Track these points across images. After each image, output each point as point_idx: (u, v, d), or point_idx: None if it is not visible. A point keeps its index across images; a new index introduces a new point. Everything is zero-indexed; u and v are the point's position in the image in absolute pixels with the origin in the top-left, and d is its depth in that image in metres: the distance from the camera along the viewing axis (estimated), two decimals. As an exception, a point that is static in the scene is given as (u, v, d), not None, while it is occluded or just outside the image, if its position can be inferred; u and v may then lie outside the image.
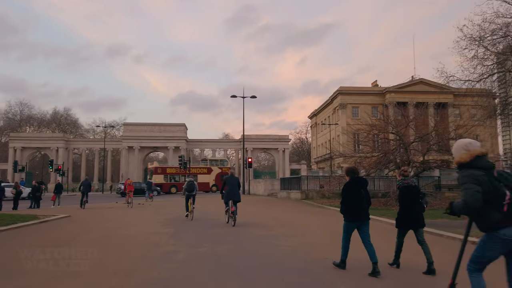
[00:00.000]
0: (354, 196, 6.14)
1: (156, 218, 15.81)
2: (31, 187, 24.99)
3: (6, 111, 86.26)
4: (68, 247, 8.57)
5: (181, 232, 11.24)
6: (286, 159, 69.14)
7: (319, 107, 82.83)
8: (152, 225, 13.13)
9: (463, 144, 3.81)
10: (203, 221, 14.74)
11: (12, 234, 11.19)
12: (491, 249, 3.46)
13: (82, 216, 16.84)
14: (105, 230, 11.71)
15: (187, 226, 12.71)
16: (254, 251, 8.08)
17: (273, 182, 33.80)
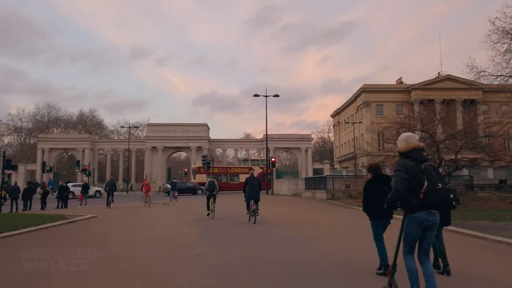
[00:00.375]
0: (376, 194, 5.94)
1: (182, 218, 15.66)
2: (58, 187, 25.39)
3: (35, 113, 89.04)
4: (97, 248, 8.43)
5: (210, 233, 11.00)
6: (308, 159, 68.38)
7: (342, 105, 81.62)
8: (179, 226, 12.96)
9: (405, 136, 4.62)
10: (227, 220, 14.56)
11: (42, 234, 11.20)
12: (412, 229, 4.28)
13: (109, 217, 16.88)
14: (133, 231, 11.59)
15: (214, 227, 12.48)
16: (287, 254, 7.71)
17: (297, 182, 33.29)
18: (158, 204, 25.94)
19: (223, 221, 14.46)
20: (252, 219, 13.12)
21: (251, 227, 12.18)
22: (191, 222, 14.28)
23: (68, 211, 20.65)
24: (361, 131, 67.04)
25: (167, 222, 14.51)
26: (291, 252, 7.88)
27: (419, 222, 4.22)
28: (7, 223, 12.81)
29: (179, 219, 15.39)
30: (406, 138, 4.58)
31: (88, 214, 17.36)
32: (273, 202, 26.27)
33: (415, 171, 4.22)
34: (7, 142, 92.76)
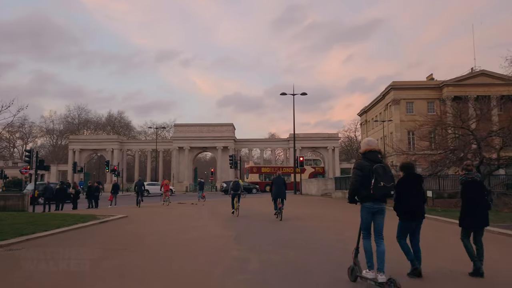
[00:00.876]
0: (408, 194, 5.81)
1: (213, 219, 15.31)
2: (87, 187, 25.62)
3: (66, 115, 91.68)
4: (131, 251, 8.11)
5: (244, 234, 10.54)
6: (336, 158, 67.13)
7: (370, 103, 79.74)
8: (211, 227, 12.59)
9: (367, 140, 5.76)
10: (258, 219, 14.07)
11: (74, 235, 11.04)
12: (364, 215, 5.35)
13: (139, 217, 16.73)
14: (166, 233, 11.26)
15: (247, 227, 12.04)
16: (332, 260, 7.13)
17: (326, 182, 32.45)
18: (187, 204, 25.79)
19: (254, 219, 14.04)
20: (279, 216, 14.05)
21: (285, 228, 11.68)
22: (223, 222, 13.89)
23: (99, 211, 20.70)
24: (390, 129, 65.13)
25: (198, 222, 14.17)
26: (337, 258, 7.29)
27: (368, 209, 5.35)
28: (40, 223, 12.78)
29: (210, 220, 15.03)
30: (368, 142, 5.76)
31: (118, 214, 17.27)
32: (302, 202, 25.63)
33: (367, 170, 5.26)
34: (40, 143, 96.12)
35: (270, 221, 13.86)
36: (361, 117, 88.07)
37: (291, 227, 12.25)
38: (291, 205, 22.01)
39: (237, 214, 15.82)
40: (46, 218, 14.87)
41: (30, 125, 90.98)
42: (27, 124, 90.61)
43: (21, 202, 20.88)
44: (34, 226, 11.86)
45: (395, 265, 6.14)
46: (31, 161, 21.95)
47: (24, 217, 14.88)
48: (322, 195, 31.58)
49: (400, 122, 64.42)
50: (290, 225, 12.62)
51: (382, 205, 5.35)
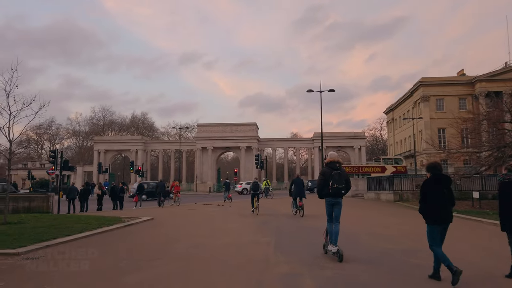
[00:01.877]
0: (434, 196, 5.59)
1: (243, 221, 14.29)
2: (111, 188, 25.12)
3: (91, 117, 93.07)
4: (159, 261, 7.14)
5: (282, 241, 9.44)
6: (362, 158, 65.11)
7: (397, 101, 77.22)
8: (243, 230, 11.55)
9: (329, 154, 7.95)
10: (287, 220, 12.89)
11: (98, 240, 10.21)
12: (327, 206, 7.58)
13: (165, 219, 15.87)
14: (195, 238, 10.28)
15: (280, 231, 10.89)
16: (398, 280, 5.92)
17: (357, 182, 30.94)
18: (213, 205, 24.91)
19: (283, 221, 12.91)
20: (300, 213, 15.58)
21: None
22: (254, 225, 12.84)
23: (123, 213, 20.09)
24: (420, 127, 62.64)
25: (228, 225, 13.17)
26: (403, 277, 6.08)
27: (328, 202, 7.45)
28: (64, 226, 12.05)
29: (240, 222, 14.00)
30: (330, 155, 7.75)
31: (144, 216, 16.49)
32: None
33: (328, 175, 7.25)
34: (66, 145, 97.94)
35: (300, 223, 12.71)
36: (387, 115, 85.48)
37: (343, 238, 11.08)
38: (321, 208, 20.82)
39: (257, 213, 17.00)
40: (70, 220, 14.19)
41: (57, 127, 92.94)
42: (54, 126, 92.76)
43: (45, 203, 20.43)
44: (57, 230, 11.12)
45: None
46: (55, 161, 21.53)
47: (47, 220, 14.26)
48: (352, 196, 30.10)
49: (430, 119, 61.90)
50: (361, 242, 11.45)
51: (338, 199, 7.45)
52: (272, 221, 14.36)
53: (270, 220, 14.58)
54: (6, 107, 12.94)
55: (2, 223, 12.48)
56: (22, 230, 11.03)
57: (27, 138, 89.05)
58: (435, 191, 5.60)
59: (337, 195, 7.30)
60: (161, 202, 24.21)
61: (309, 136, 69.44)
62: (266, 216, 16.21)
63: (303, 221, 13.60)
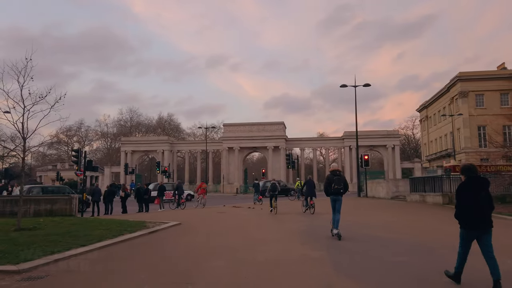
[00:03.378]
0: (470, 199, 5.19)
1: (282, 228, 12.52)
2: (136, 189, 23.94)
3: (119, 118, 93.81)
4: (193, 286, 5.48)
5: (338, 255, 7.59)
6: (396, 157, 62.02)
7: (431, 98, 73.47)
8: (285, 241, 9.78)
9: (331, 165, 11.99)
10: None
11: (118, 252, 8.72)
12: (331, 202, 10.01)
13: (194, 224, 14.31)
14: (232, 251, 8.56)
15: (334, 244, 9.03)
16: None
17: (397, 183, 28.54)
18: (243, 208, 23.30)
19: (324, 227, 11.08)
20: (312, 210, 17.33)
21: (377, 245, 8.60)
22: (296, 234, 11.05)
23: (149, 216, 18.78)
24: (457, 125, 58.97)
25: (266, 233, 11.43)
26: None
27: (332, 198, 10.03)
28: (81, 234, 10.67)
29: (279, 230, 12.24)
30: (332, 166, 10.91)
31: (171, 220, 15.03)
32: (374, 206, 22.18)
33: (331, 179, 9.91)
34: (95, 147, 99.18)
35: (350, 229, 10.82)
36: (421, 113, 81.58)
37: (388, 242, 9.16)
38: (360, 211, 18.79)
39: (276, 212, 18.10)
40: (90, 225, 12.86)
41: (86, 129, 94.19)
42: (84, 128, 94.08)
43: (68, 206, 19.33)
44: (72, 239, 9.72)
45: None
46: (78, 161, 20.48)
47: (65, 225, 12.97)
48: (392, 197, 27.79)
49: (469, 116, 58.15)
50: (385, 239, 9.53)
51: (338, 197, 10.04)
52: (315, 227, 12.54)
53: (312, 226, 12.77)
54: (20, 100, 11.76)
55: (15, 230, 11.25)
56: (34, 238, 9.70)
57: (58, 140, 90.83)
58: (470, 195, 5.26)
59: (337, 194, 10.02)
60: (178, 204, 23.67)
61: (341, 135, 66.84)
62: (304, 222, 14.42)
63: (355, 230, 11.68)
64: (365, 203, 25.12)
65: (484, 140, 59.11)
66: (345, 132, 65.69)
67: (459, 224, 5.44)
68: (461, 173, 5.59)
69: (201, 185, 26.62)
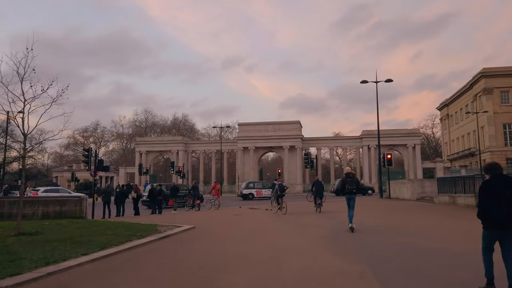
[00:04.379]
0: (494, 198, 4.95)
1: (306, 234, 11.25)
2: (149, 190, 22.97)
3: (134, 119, 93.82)
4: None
5: (383, 273, 6.29)
6: (417, 157, 59.81)
7: (452, 95, 71.03)
8: (314, 250, 8.51)
9: (346, 168, 12.97)
10: (376, 240, 9.70)
11: (122, 263, 7.61)
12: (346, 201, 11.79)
13: (209, 229, 13.17)
14: (253, 264, 7.34)
15: (373, 253, 7.74)
16: None
17: (423, 183, 26.85)
18: (260, 209, 22.11)
19: (359, 236, 9.77)
20: (319, 209, 18.82)
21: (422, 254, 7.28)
22: (322, 240, 9.78)
23: (162, 218, 17.80)
24: (481, 123, 56.53)
25: (289, 240, 10.18)
26: None
27: (346, 197, 11.66)
28: (84, 240, 9.64)
29: (303, 236, 10.97)
30: (346, 169, 12.33)
31: (184, 224, 13.95)
32: (401, 208, 20.69)
33: (346, 181, 11.56)
34: (111, 148, 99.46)
35: (392, 239, 9.48)
36: (441, 111, 79.12)
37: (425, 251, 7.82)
38: (388, 214, 17.34)
39: (285, 212, 18.56)
40: (97, 230, 11.85)
41: (102, 130, 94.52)
42: (100, 129, 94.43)
43: (78, 208, 18.46)
44: (73, 246, 8.68)
45: None
46: (89, 161, 19.59)
47: (70, 229, 12.00)
48: (417, 199, 26.15)
49: (494, 114, 55.67)
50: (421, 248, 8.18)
51: (352, 195, 11.67)
52: (341, 233, 11.25)
53: (337, 231, 11.47)
54: (21, 94, 10.81)
55: (14, 235, 10.29)
56: (31, 245, 8.70)
57: (74, 141, 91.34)
58: (494, 193, 5.02)
59: (351, 193, 11.56)
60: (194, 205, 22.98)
61: (359, 134, 64.97)
62: (327, 226, 13.13)
63: (392, 237, 10.35)
64: (390, 205, 23.61)
65: (510, 139, 56.63)
66: (363, 131, 63.85)
67: (482, 224, 5.17)
68: (485, 171, 5.36)
69: (214, 185, 25.63)
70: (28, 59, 10.75)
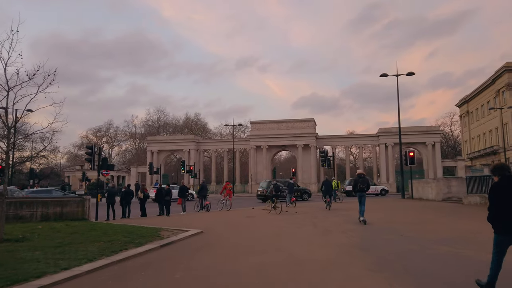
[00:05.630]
0: (505, 201, 4.69)
1: (330, 241, 9.73)
2: (157, 190, 21.68)
3: (146, 119, 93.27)
4: None
5: None
6: (437, 155, 57.39)
7: (473, 91, 68.37)
8: (346, 265, 6.97)
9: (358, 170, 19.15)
10: (408, 248, 8.11)
11: (110, 279, 6.21)
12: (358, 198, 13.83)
13: (218, 234, 11.74)
14: (274, 284, 5.87)
15: (411, 266, 6.18)
16: None
17: (449, 183, 24.94)
18: (274, 210, 20.61)
19: (390, 244, 8.22)
20: (329, 207, 20.07)
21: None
22: (351, 250, 8.25)
23: (169, 220, 16.53)
24: (505, 119, 53.87)
25: (310, 249, 8.67)
26: None
27: (358, 194, 13.76)
28: (73, 248, 8.27)
29: (326, 243, 9.45)
30: (357, 171, 15.21)
31: (192, 227, 12.57)
32: (429, 210, 18.94)
33: (358, 181, 13.86)
34: (124, 148, 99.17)
35: (428, 246, 7.90)
36: (460, 108, 76.35)
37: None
38: (416, 217, 15.63)
39: (279, 212, 18.80)
40: (91, 235, 10.52)
41: (115, 130, 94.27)
42: (112, 129, 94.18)
43: (80, 209, 17.26)
44: (58, 256, 7.33)
45: None
46: (92, 159, 18.40)
47: (63, 234, 10.68)
48: (443, 199, 24.30)
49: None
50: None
51: (363, 193, 13.60)
52: (372, 240, 9.69)
53: (367, 240, 9.92)
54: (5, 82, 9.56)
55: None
56: (9, 255, 7.39)
57: (88, 141, 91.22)
58: (505, 196, 4.67)
59: (362, 191, 13.75)
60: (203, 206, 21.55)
61: (376, 132, 62.87)
62: (352, 231, 11.59)
63: (429, 245, 8.74)
64: (415, 206, 21.85)
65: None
66: (380, 128, 61.74)
67: (493, 228, 4.92)
68: (492, 173, 5.07)
69: (226, 185, 24.16)
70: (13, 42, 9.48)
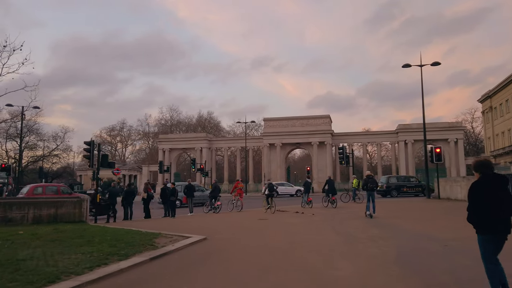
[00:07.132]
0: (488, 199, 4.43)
1: (361, 253, 7.95)
2: (161, 189, 20.13)
3: (159, 117, 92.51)
4: None
5: None
6: (460, 152, 54.71)
7: (496, 86, 65.18)
8: (372, 279, 5.23)
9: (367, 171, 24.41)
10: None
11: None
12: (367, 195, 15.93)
13: (225, 242, 10.04)
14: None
15: None
16: None
17: (461, 184, 22.69)
18: (290, 212, 18.88)
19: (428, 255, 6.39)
20: (335, 205, 20.89)
21: None
22: (392, 267, 6.46)
23: (172, 223, 14.99)
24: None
25: (338, 265, 6.89)
26: None
27: (368, 193, 15.80)
28: (42, 263, 6.68)
29: (356, 256, 7.66)
30: (366, 173, 20.03)
31: (196, 233, 10.92)
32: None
33: (368, 181, 16.05)
34: (138, 147, 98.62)
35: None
36: (483, 104, 73.00)
37: None
38: (459, 222, 13.63)
39: (273, 211, 18.76)
40: (73, 243, 8.92)
41: (129, 129, 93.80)
42: (126, 128, 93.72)
43: (78, 210, 15.78)
44: (13, 276, 5.73)
45: None
46: (91, 156, 16.94)
47: (42, 242, 9.08)
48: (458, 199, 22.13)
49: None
50: None
51: (372, 192, 15.67)
52: (414, 253, 7.87)
53: (407, 252, 8.11)
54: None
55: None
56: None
57: (102, 140, 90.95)
58: (486, 195, 4.45)
59: (372, 190, 15.62)
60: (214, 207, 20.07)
61: (395, 128, 60.39)
62: (384, 240, 9.77)
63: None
64: (447, 207, 19.76)
65: None
66: (399, 125, 59.23)
67: (475, 229, 4.55)
68: (474, 170, 4.73)
69: (236, 184, 22.41)
70: None
